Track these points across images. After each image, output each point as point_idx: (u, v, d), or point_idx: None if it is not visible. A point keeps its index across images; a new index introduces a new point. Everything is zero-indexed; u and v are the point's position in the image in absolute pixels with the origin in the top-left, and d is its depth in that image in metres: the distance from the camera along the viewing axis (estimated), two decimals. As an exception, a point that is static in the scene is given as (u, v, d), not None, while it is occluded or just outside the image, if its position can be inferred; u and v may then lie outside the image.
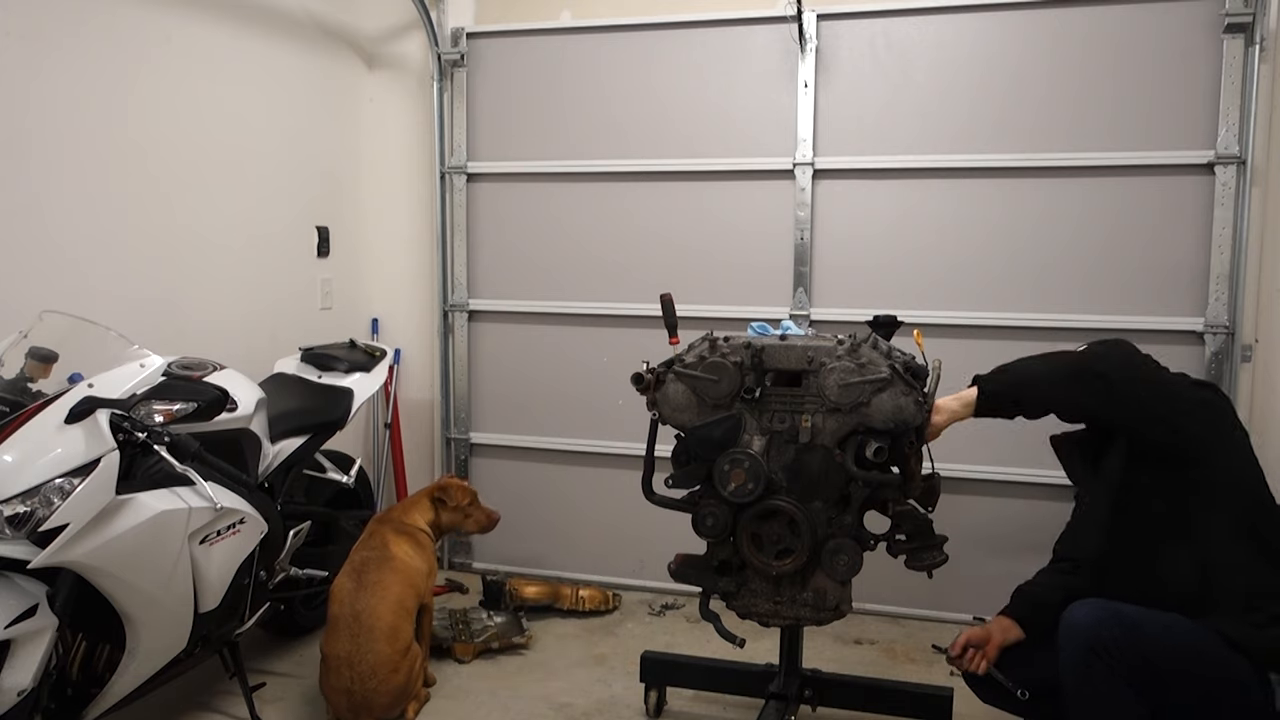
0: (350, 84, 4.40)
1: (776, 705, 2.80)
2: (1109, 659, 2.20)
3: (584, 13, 4.17)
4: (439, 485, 3.46)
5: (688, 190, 4.08)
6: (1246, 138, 3.48)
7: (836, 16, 3.84)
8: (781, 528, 2.53)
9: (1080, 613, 2.26)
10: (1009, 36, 3.70)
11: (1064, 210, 3.69)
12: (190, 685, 3.18)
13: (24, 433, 2.31)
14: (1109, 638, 2.20)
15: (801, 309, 3.93)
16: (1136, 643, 2.21)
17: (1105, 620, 2.22)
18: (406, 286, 4.53)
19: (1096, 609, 2.25)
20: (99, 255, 3.19)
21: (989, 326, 3.77)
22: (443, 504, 3.41)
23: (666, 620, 3.94)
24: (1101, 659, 2.20)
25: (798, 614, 2.61)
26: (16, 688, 2.23)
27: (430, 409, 4.55)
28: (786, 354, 2.54)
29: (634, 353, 2.89)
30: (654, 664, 3.13)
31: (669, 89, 4.05)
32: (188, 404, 2.53)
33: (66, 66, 3.06)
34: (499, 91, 4.26)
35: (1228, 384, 3.57)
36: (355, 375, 3.57)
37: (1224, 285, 3.55)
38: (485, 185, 4.33)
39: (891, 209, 3.86)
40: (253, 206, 3.84)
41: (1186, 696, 2.25)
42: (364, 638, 2.92)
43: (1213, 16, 3.49)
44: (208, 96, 3.59)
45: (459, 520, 3.45)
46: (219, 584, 2.69)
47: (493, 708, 3.19)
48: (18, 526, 2.22)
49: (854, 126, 3.87)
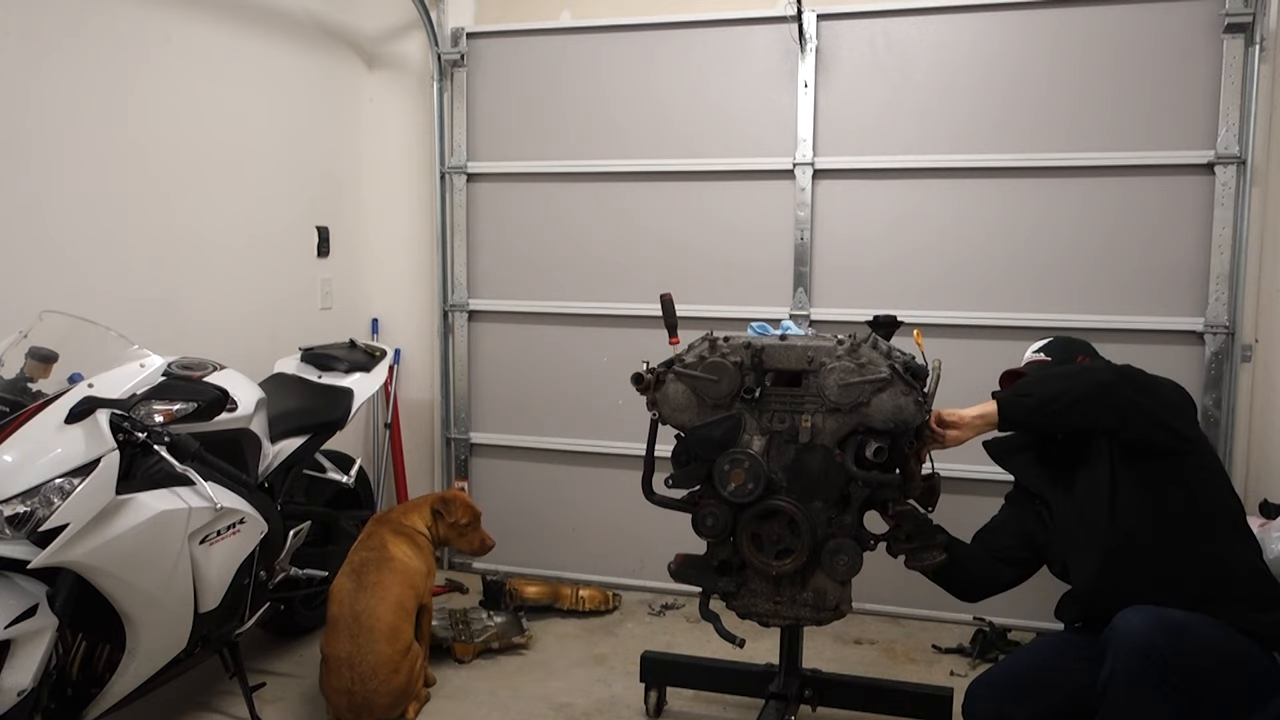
0: (350, 84, 4.40)
1: (776, 705, 2.80)
2: (1161, 667, 2.16)
3: (584, 13, 4.17)
4: (444, 496, 3.44)
5: (688, 190, 4.08)
6: (1246, 138, 3.48)
7: (836, 16, 3.84)
8: (781, 528, 2.53)
9: (1134, 620, 2.21)
10: (1009, 36, 3.71)
11: (1064, 210, 3.69)
12: (190, 685, 3.18)
13: (24, 433, 2.31)
14: (1164, 645, 2.16)
15: (801, 309, 3.94)
16: (1186, 648, 2.19)
17: (1158, 628, 2.18)
18: (406, 286, 4.53)
19: (1148, 616, 2.20)
20: (99, 255, 3.19)
21: (989, 326, 3.77)
22: (441, 516, 3.39)
23: (666, 620, 3.94)
24: (1154, 664, 2.15)
25: (798, 614, 2.61)
26: (16, 688, 2.23)
27: (430, 409, 4.55)
28: (786, 354, 2.54)
29: (634, 353, 2.89)
30: (654, 664, 3.13)
31: (669, 89, 4.05)
32: (188, 404, 2.53)
33: (66, 66, 3.06)
34: (499, 91, 4.26)
35: (1228, 384, 3.57)
36: (355, 375, 3.57)
37: (1224, 285, 3.55)
38: (485, 185, 4.33)
39: (891, 209, 3.86)
40: (253, 206, 3.84)
41: (1223, 694, 2.25)
42: (364, 638, 2.92)
43: (1213, 16, 3.49)
44: (208, 96, 3.59)
45: (453, 536, 3.42)
46: (219, 584, 2.69)
47: (493, 708, 3.19)
48: (18, 526, 2.22)
49: (854, 126, 3.87)
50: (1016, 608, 3.59)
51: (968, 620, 3.82)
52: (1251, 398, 3.60)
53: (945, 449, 2.58)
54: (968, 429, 2.53)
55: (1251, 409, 3.61)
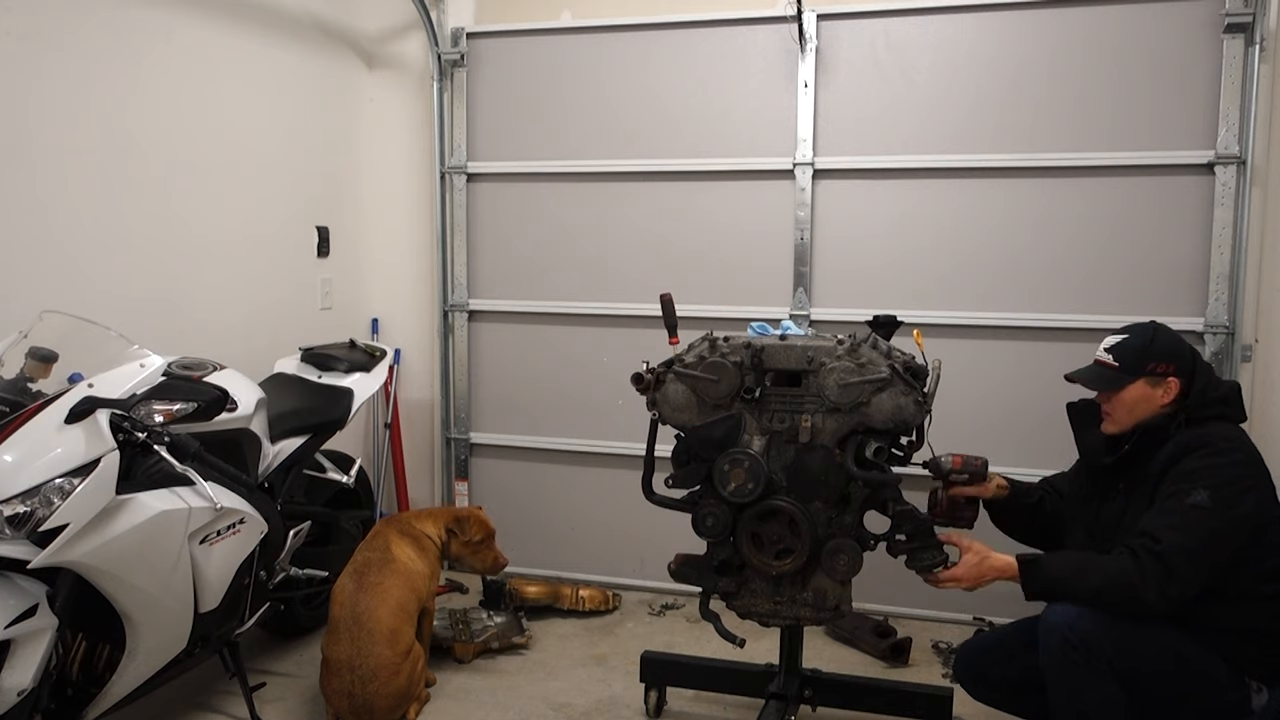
0: (350, 84, 4.40)
1: (776, 705, 2.80)
2: (1085, 653, 2.25)
3: (584, 13, 4.17)
4: (460, 514, 3.42)
5: (688, 190, 4.08)
6: (1246, 138, 3.48)
7: (836, 16, 3.84)
8: (781, 528, 2.53)
9: (1057, 611, 2.31)
10: (1009, 36, 3.70)
11: (1064, 210, 3.69)
12: (190, 685, 3.18)
13: (24, 433, 2.31)
14: (1086, 629, 2.25)
15: (801, 309, 3.93)
16: (1113, 636, 2.25)
17: (1081, 615, 2.27)
18: (406, 286, 4.53)
19: (1071, 607, 2.30)
20: (99, 255, 3.19)
21: (989, 326, 3.77)
22: (455, 534, 3.38)
23: (666, 620, 3.94)
24: (1079, 651, 2.25)
25: (798, 614, 2.61)
26: (16, 688, 2.23)
27: (430, 409, 4.55)
28: (786, 354, 2.54)
29: (634, 353, 2.89)
30: (654, 664, 3.13)
31: (669, 89, 4.05)
32: (188, 404, 2.53)
33: (66, 66, 3.06)
34: (499, 91, 4.26)
35: (1228, 384, 3.57)
36: (355, 375, 3.57)
37: (1224, 285, 3.55)
38: (485, 185, 4.33)
39: (891, 209, 3.86)
40: (253, 206, 3.84)
41: (1164, 690, 2.30)
42: (364, 641, 2.91)
43: (1213, 16, 3.49)
44: (208, 96, 3.59)
45: (467, 554, 3.42)
46: (219, 584, 2.69)
47: (493, 708, 3.19)
48: (18, 526, 2.22)
49: (854, 126, 3.87)
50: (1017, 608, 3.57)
51: (967, 620, 3.83)
52: (1251, 398, 3.60)
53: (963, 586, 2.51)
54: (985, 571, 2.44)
55: (1251, 409, 3.60)
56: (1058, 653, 2.28)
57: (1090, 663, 2.24)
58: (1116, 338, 2.51)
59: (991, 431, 3.70)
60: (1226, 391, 2.46)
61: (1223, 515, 2.24)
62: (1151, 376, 2.44)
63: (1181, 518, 2.25)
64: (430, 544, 3.30)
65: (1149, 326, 2.52)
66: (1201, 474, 2.28)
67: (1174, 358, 2.44)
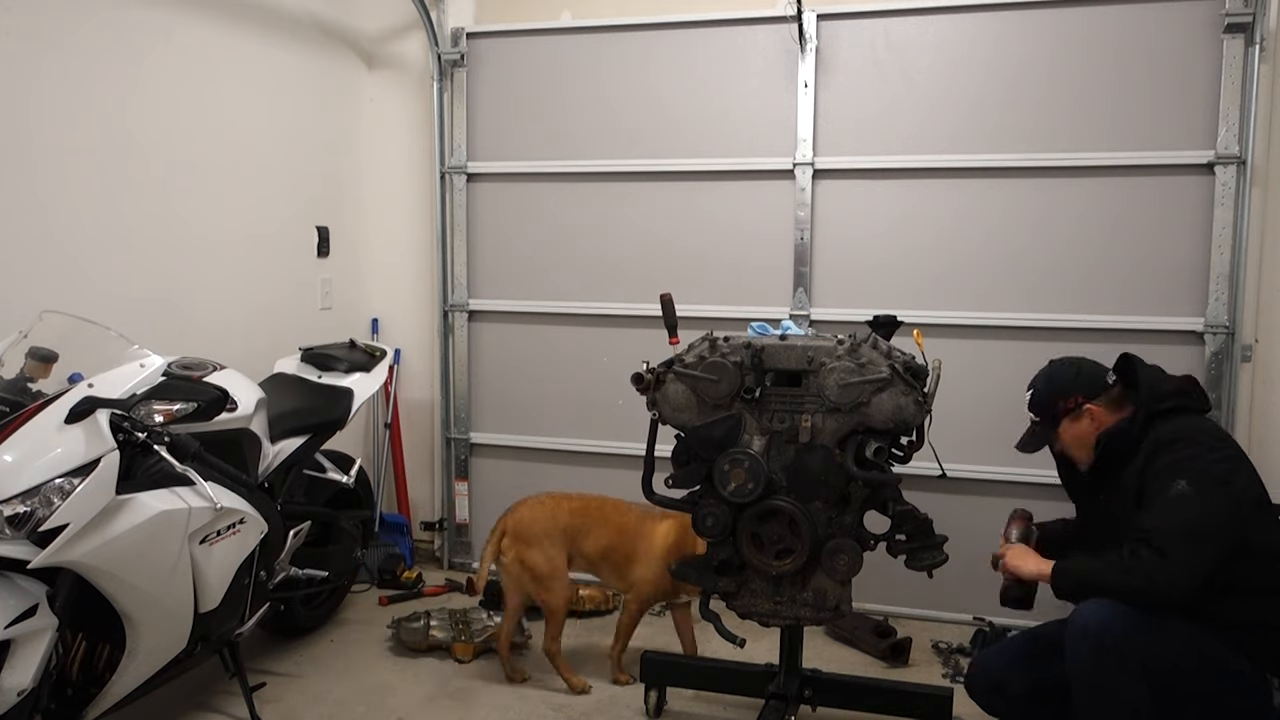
0: (350, 84, 4.40)
1: (776, 705, 2.80)
2: (1119, 655, 2.23)
3: (584, 13, 4.17)
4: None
5: (688, 190, 4.08)
6: (1246, 138, 3.48)
7: (836, 16, 3.84)
8: (781, 528, 2.53)
9: (1089, 610, 2.29)
10: (1009, 36, 3.70)
11: (1064, 210, 3.69)
12: (190, 685, 3.17)
13: (24, 433, 2.31)
14: (1120, 631, 2.23)
15: (801, 309, 3.93)
16: (1145, 638, 2.23)
17: (1114, 619, 2.25)
18: (406, 286, 4.53)
19: (1104, 608, 2.27)
20: (99, 255, 3.19)
21: (989, 326, 3.77)
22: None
23: (666, 620, 3.94)
24: (1112, 654, 2.23)
25: (798, 614, 2.61)
26: (16, 688, 2.23)
27: (430, 409, 4.55)
28: (786, 354, 2.54)
29: (634, 353, 2.89)
30: (654, 664, 3.13)
31: (669, 89, 4.05)
32: (188, 404, 2.53)
33: (66, 66, 3.06)
34: (499, 91, 4.26)
35: (1228, 384, 3.57)
36: (355, 375, 3.57)
37: (1224, 285, 3.55)
38: (485, 185, 4.33)
39: (891, 209, 3.86)
40: (253, 206, 3.84)
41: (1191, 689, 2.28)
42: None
43: (1213, 16, 3.49)
44: (208, 96, 3.59)
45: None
46: (219, 584, 2.69)
47: (492, 708, 3.19)
48: (18, 526, 2.22)
49: (854, 126, 3.87)
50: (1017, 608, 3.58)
51: (967, 620, 3.82)
52: (1251, 398, 3.60)
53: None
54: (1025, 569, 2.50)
55: (1251, 409, 3.60)
56: (1090, 656, 2.26)
57: (1124, 665, 2.23)
58: (1030, 391, 2.62)
59: (992, 431, 3.69)
60: (1180, 383, 2.52)
61: (1208, 496, 2.28)
62: (1069, 415, 2.53)
63: (1168, 509, 2.29)
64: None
65: (1045, 369, 2.63)
66: (1178, 466, 2.33)
67: (1075, 388, 2.53)
